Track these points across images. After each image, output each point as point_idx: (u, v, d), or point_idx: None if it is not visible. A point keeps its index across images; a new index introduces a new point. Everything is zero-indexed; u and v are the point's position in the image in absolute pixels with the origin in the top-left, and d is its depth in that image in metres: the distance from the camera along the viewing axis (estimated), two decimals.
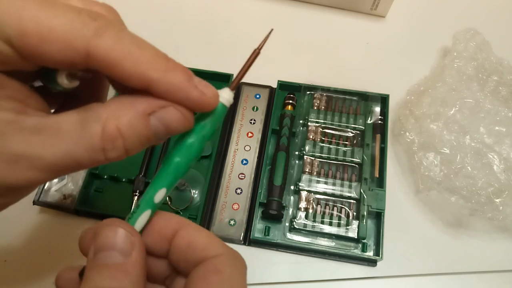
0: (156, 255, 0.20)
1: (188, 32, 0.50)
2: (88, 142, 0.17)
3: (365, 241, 0.37)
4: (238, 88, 0.44)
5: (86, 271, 0.18)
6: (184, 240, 0.19)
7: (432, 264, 0.37)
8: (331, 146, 0.40)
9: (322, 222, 0.37)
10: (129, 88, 0.18)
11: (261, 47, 0.21)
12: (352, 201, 0.38)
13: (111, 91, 0.24)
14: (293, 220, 0.37)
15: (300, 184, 0.38)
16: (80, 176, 0.38)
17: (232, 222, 0.37)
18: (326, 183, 0.39)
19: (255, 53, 0.21)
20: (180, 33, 0.50)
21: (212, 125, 0.20)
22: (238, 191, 0.39)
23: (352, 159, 0.40)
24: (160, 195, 0.20)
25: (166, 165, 0.20)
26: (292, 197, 0.39)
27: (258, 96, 0.43)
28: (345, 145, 0.40)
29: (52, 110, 0.21)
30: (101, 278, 0.17)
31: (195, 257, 0.19)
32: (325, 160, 0.40)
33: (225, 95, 0.20)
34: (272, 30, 0.22)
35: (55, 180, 0.38)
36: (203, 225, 0.37)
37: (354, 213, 0.38)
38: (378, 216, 0.38)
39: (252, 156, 0.40)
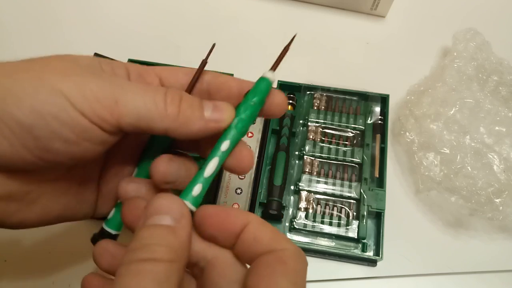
0: (224, 246, 0.22)
1: (189, 32, 0.50)
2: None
3: (365, 241, 0.37)
4: None
5: (136, 231, 0.19)
6: (250, 234, 0.21)
7: (432, 264, 0.37)
8: (331, 146, 0.40)
9: (322, 222, 0.37)
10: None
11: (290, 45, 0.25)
12: (352, 201, 0.38)
13: None
14: (293, 220, 0.37)
15: (300, 184, 0.38)
16: None
17: None
18: (326, 183, 0.39)
19: (286, 49, 0.25)
20: (181, 33, 0.50)
21: (259, 101, 0.24)
22: (238, 191, 0.39)
23: (352, 159, 0.40)
24: (225, 146, 0.23)
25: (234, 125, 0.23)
26: (292, 197, 0.39)
27: None
28: (345, 145, 0.40)
29: None
30: (151, 236, 0.18)
31: (261, 250, 0.20)
32: (325, 160, 0.40)
33: (269, 75, 0.25)
34: (295, 35, 0.25)
35: None
36: None
37: (354, 213, 0.38)
38: (378, 216, 0.38)
39: None
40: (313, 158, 0.40)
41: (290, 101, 0.42)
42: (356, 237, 0.36)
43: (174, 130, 0.22)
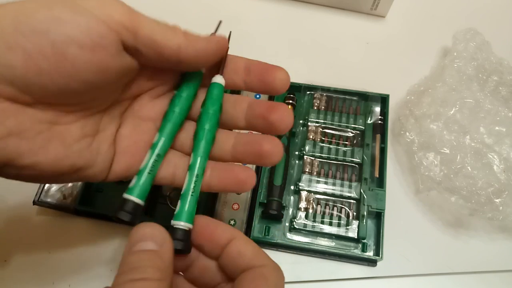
0: (210, 256, 0.24)
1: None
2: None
3: (365, 241, 0.37)
4: None
5: (123, 257, 0.21)
6: (235, 249, 0.23)
7: (432, 264, 0.37)
8: (331, 146, 0.40)
9: (322, 222, 0.37)
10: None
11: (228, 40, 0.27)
12: (352, 201, 0.38)
13: None
14: (293, 220, 0.37)
15: (300, 184, 0.38)
16: None
17: (232, 222, 0.37)
18: (326, 183, 0.39)
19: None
20: None
21: (217, 99, 0.27)
22: None
23: (352, 159, 0.40)
24: (199, 161, 0.26)
25: (199, 138, 0.26)
26: (292, 197, 0.39)
27: (258, 96, 0.43)
28: (345, 145, 0.40)
29: None
30: (139, 260, 0.20)
31: (243, 264, 0.22)
32: (325, 160, 0.40)
33: (219, 79, 0.27)
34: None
35: None
36: None
37: (354, 213, 0.38)
38: (378, 216, 0.38)
39: None
40: (313, 158, 0.40)
41: (290, 101, 0.42)
42: (356, 237, 0.36)
43: (185, 48, 0.23)
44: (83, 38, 0.20)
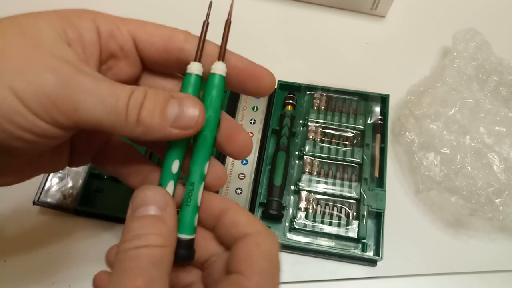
0: (207, 227, 0.24)
1: (189, 31, 0.50)
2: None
3: (365, 241, 0.37)
4: None
5: (126, 223, 0.20)
6: (229, 218, 0.23)
7: (432, 264, 0.37)
8: (331, 146, 0.40)
9: (322, 222, 0.37)
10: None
11: (230, 16, 0.24)
12: (352, 201, 0.38)
13: None
14: (293, 220, 0.37)
15: (300, 184, 0.38)
16: (80, 176, 0.38)
17: None
18: (326, 183, 0.39)
19: (228, 24, 0.24)
20: None
21: (218, 96, 0.23)
22: (238, 191, 0.39)
23: (352, 159, 0.40)
24: (206, 168, 0.24)
25: (199, 143, 0.23)
26: (292, 197, 0.39)
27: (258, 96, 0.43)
28: (345, 145, 0.40)
29: None
30: (141, 226, 0.20)
31: (237, 232, 0.22)
32: (325, 160, 0.40)
33: (220, 67, 0.23)
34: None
35: (55, 180, 0.38)
36: None
37: (354, 213, 0.38)
38: (378, 216, 0.38)
39: (252, 156, 0.40)
40: (313, 158, 0.40)
41: (290, 101, 0.42)
42: (356, 237, 0.36)
43: (136, 138, 0.22)
44: (27, 136, 0.19)
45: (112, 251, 0.23)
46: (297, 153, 0.40)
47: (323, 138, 0.41)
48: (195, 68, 0.23)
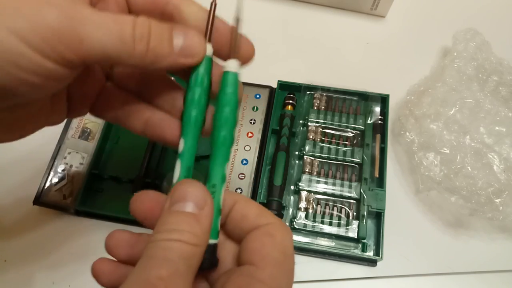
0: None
1: None
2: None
3: (365, 241, 0.37)
4: None
5: (162, 216, 0.20)
6: (238, 213, 0.22)
7: (432, 264, 0.37)
8: (331, 146, 0.40)
9: (322, 222, 0.37)
10: None
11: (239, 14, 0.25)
12: (352, 201, 0.38)
13: None
14: (293, 220, 0.37)
15: (300, 184, 0.38)
16: (80, 176, 0.38)
17: None
18: (326, 183, 0.39)
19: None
20: None
21: (234, 93, 0.23)
22: (238, 191, 0.39)
23: (352, 159, 0.40)
24: (226, 169, 0.23)
25: (219, 144, 0.23)
26: (292, 197, 0.39)
27: (258, 96, 0.43)
28: (345, 145, 0.40)
29: None
30: (178, 222, 0.19)
31: (248, 226, 0.22)
32: (325, 160, 0.40)
33: (233, 64, 0.23)
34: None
35: (55, 180, 0.38)
36: None
37: (354, 213, 0.38)
38: (378, 216, 0.38)
39: (252, 156, 0.40)
40: (313, 158, 0.40)
41: (290, 101, 0.42)
42: (356, 237, 0.36)
43: (144, 67, 0.21)
44: (33, 79, 0.18)
45: (113, 236, 0.23)
46: (297, 153, 0.40)
47: (323, 138, 0.41)
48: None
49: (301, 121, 0.42)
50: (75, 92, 0.25)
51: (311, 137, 0.41)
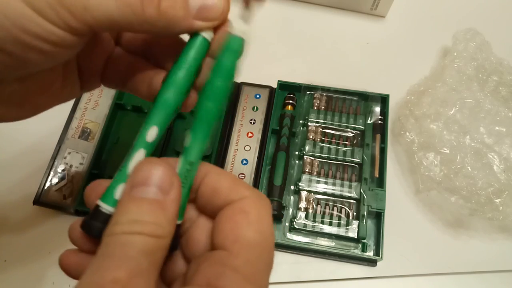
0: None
1: None
2: None
3: (365, 241, 0.37)
4: (238, 88, 0.44)
5: (122, 202, 0.18)
6: (208, 187, 0.20)
7: (432, 264, 0.37)
8: (331, 146, 0.40)
9: (322, 222, 0.37)
10: None
11: None
12: (352, 201, 0.38)
13: None
14: (293, 220, 0.37)
15: (300, 184, 0.38)
16: (80, 176, 0.38)
17: None
18: (326, 183, 0.39)
19: None
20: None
21: (233, 60, 0.20)
22: None
23: (352, 159, 0.40)
24: (206, 145, 0.20)
25: (202, 115, 0.20)
26: (292, 197, 0.39)
27: (258, 96, 0.43)
28: (345, 145, 0.40)
29: None
30: (139, 211, 0.17)
31: (220, 201, 0.19)
32: (325, 160, 0.40)
33: (241, 28, 0.21)
34: None
35: (55, 180, 0.38)
36: None
37: (354, 213, 0.38)
38: (378, 216, 0.38)
39: (252, 156, 0.40)
40: (313, 158, 0.40)
41: (290, 101, 0.42)
42: (356, 237, 0.36)
43: (156, 33, 0.20)
44: (42, 45, 0.18)
45: (74, 227, 0.20)
46: (297, 153, 0.40)
47: (323, 138, 0.41)
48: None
49: (301, 121, 0.42)
50: (84, 61, 0.24)
51: (311, 137, 0.41)
